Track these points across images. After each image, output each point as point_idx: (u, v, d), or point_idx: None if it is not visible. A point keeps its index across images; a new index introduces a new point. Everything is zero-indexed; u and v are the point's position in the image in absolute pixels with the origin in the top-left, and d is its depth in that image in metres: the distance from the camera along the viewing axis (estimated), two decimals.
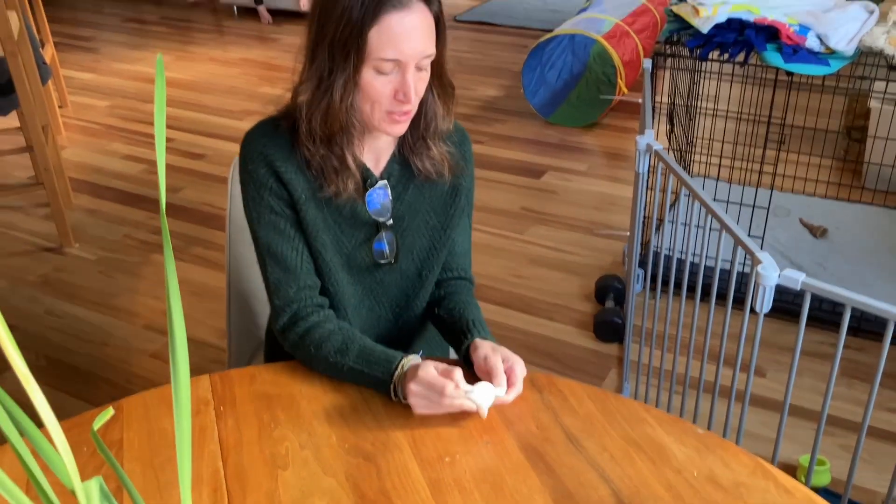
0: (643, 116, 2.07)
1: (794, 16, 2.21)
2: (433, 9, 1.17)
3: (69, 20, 6.09)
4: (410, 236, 1.34)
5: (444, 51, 1.22)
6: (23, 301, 2.74)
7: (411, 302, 1.40)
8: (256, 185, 1.24)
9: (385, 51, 1.13)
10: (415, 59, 1.15)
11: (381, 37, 1.12)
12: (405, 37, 1.13)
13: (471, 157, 1.38)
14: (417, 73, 1.17)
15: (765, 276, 1.37)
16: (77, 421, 1.14)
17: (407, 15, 1.13)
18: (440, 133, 1.29)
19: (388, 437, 1.10)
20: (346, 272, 1.32)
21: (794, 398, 2.20)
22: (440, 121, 1.28)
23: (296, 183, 1.24)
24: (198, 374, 1.14)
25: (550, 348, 2.45)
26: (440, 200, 1.34)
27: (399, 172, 1.30)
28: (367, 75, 1.16)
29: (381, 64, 1.14)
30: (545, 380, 1.20)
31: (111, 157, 3.79)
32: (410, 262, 1.36)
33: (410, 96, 1.16)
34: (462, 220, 1.40)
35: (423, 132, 1.27)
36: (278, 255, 1.26)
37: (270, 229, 1.26)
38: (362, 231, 1.30)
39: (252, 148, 1.25)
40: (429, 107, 1.26)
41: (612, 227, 3.06)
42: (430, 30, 1.16)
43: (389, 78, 1.16)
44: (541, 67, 4.14)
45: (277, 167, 1.23)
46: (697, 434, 1.09)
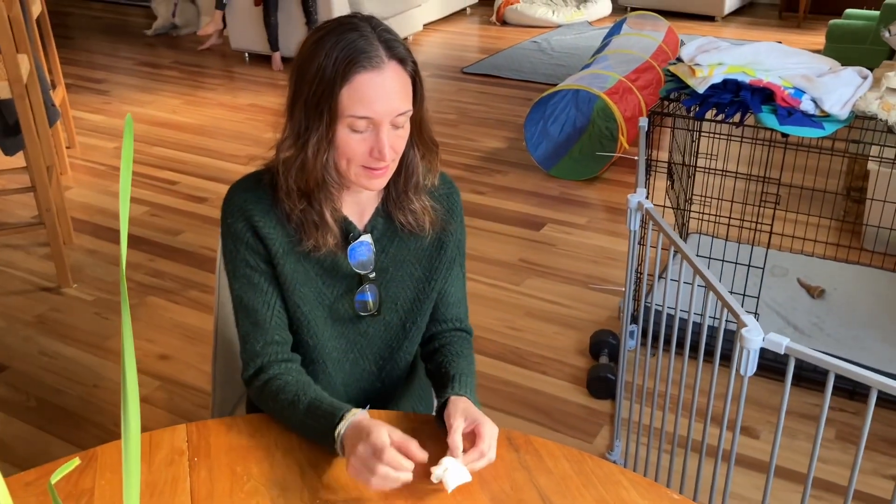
0: (638, 174, 2.08)
1: (788, 79, 2.23)
2: (408, 68, 1.19)
3: (84, 62, 6.20)
4: (394, 288, 1.34)
5: (421, 108, 1.23)
6: (17, 340, 2.75)
7: (395, 354, 1.40)
8: (234, 238, 1.26)
9: (356, 109, 1.15)
10: (388, 116, 1.16)
11: (352, 96, 1.15)
12: (376, 96, 1.15)
13: (459, 207, 1.38)
14: (394, 131, 1.19)
15: (748, 340, 1.36)
16: (49, 468, 1.14)
17: (378, 75, 1.15)
18: (422, 188, 1.30)
19: (360, 494, 1.09)
20: (328, 325, 1.33)
21: (788, 461, 2.17)
22: (421, 176, 1.29)
23: (274, 237, 1.25)
24: (185, 419, 1.14)
25: (542, 403, 2.43)
26: (425, 253, 1.35)
27: (383, 226, 1.31)
28: (342, 133, 1.17)
29: (354, 122, 1.16)
30: (522, 439, 1.19)
31: (115, 199, 3.82)
32: (394, 314, 1.36)
33: (385, 154, 1.17)
34: (452, 270, 1.40)
35: (403, 186, 1.29)
36: (249, 308, 1.28)
37: (244, 282, 1.27)
38: (344, 283, 1.31)
39: (232, 202, 1.27)
40: (410, 161, 1.27)
41: (610, 282, 3.06)
42: (404, 88, 1.18)
43: (364, 136, 1.18)
44: (544, 121, 4.18)
45: (255, 221, 1.25)
46: (673, 499, 1.08)
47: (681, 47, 2.50)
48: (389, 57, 1.16)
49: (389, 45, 1.17)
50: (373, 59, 1.15)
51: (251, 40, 6.03)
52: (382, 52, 1.16)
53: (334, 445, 1.12)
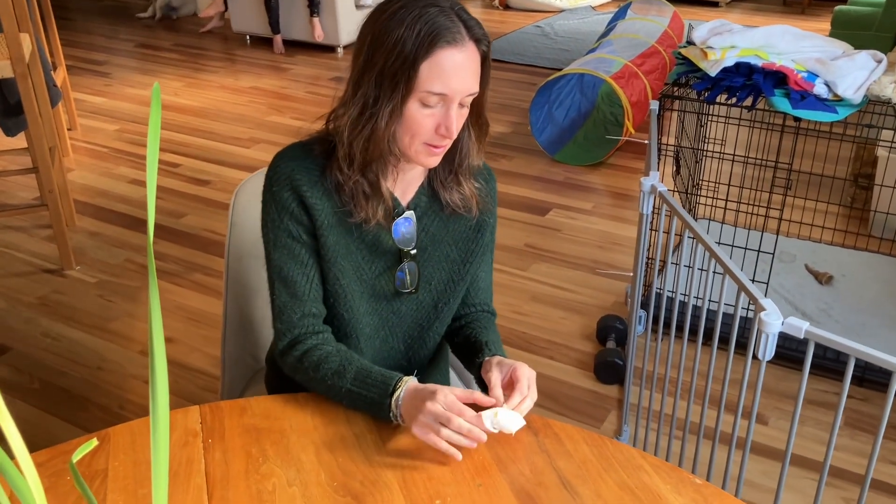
0: (649, 158, 2.06)
1: (802, 62, 2.21)
2: (482, 49, 1.19)
3: (84, 44, 6.15)
4: (430, 268, 1.35)
5: (486, 90, 1.23)
6: (20, 322, 2.73)
7: (424, 334, 1.40)
8: (278, 207, 1.25)
9: (434, 84, 1.15)
10: (461, 95, 1.17)
11: (431, 71, 1.14)
12: (454, 73, 1.15)
13: (496, 195, 1.40)
14: (459, 110, 1.19)
15: (768, 324, 1.35)
16: (62, 448, 1.12)
17: (459, 52, 1.15)
18: (471, 169, 1.31)
19: (377, 477, 1.07)
20: (364, 300, 1.32)
21: (796, 448, 2.16)
22: (473, 157, 1.29)
23: (320, 208, 1.24)
24: (191, 402, 1.12)
25: (550, 388, 2.42)
26: (463, 235, 1.35)
27: (426, 204, 1.31)
28: (413, 107, 1.17)
29: (427, 97, 1.16)
30: (541, 422, 1.18)
31: (117, 181, 3.80)
32: (427, 294, 1.36)
33: (452, 131, 1.18)
34: (485, 256, 1.41)
35: (455, 167, 1.29)
36: (288, 279, 1.26)
37: (285, 253, 1.26)
38: (385, 259, 1.31)
39: (279, 170, 1.25)
40: (463, 143, 1.28)
41: (616, 267, 3.05)
42: (477, 68, 1.19)
43: (433, 111, 1.18)
44: (548, 105, 4.15)
45: (303, 191, 1.23)
46: (695, 484, 1.06)
47: (689, 31, 2.47)
48: (469, 36, 1.17)
49: (469, 25, 1.18)
50: (456, 36, 1.15)
51: (252, 23, 5.98)
52: (464, 30, 1.16)
53: (388, 413, 1.14)
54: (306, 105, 4.77)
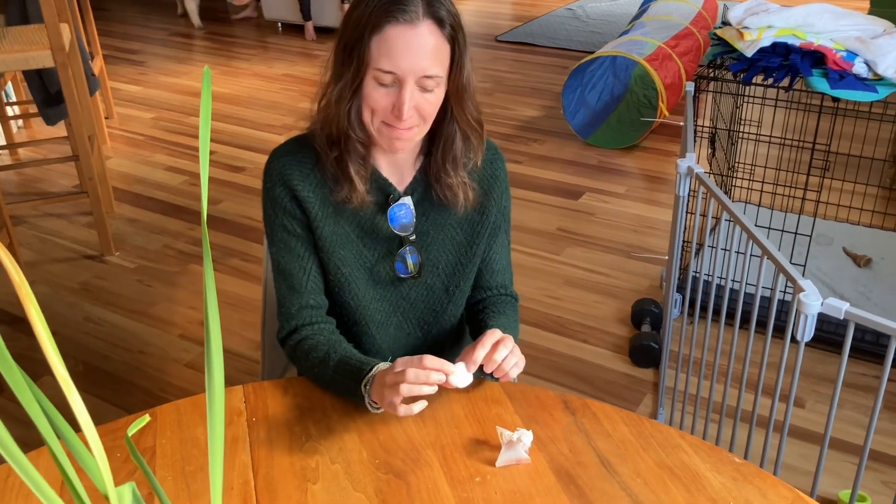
0: (685, 140, 2.05)
1: (841, 41, 2.18)
2: (445, 31, 1.15)
3: (119, 34, 6.23)
4: (435, 252, 1.34)
5: (461, 78, 1.19)
6: (63, 307, 2.79)
7: (439, 318, 1.40)
8: (272, 203, 1.27)
9: (382, 62, 1.13)
10: (413, 75, 1.14)
11: (380, 47, 1.13)
12: (403, 51, 1.12)
13: (503, 173, 1.37)
14: (422, 94, 1.16)
15: (807, 305, 1.34)
16: (112, 426, 1.15)
17: (410, 29, 1.12)
18: (460, 164, 1.27)
19: (418, 454, 1.09)
20: (369, 287, 1.33)
21: (835, 431, 2.15)
22: (459, 151, 1.26)
23: (312, 200, 1.25)
24: (230, 384, 1.14)
25: (584, 371, 2.42)
26: (467, 218, 1.34)
27: (423, 190, 1.30)
28: (368, 84, 1.16)
29: (379, 74, 1.14)
30: (578, 402, 1.19)
31: (154, 168, 3.86)
32: (436, 278, 1.36)
33: (402, 112, 1.15)
34: (497, 237, 1.38)
35: (441, 160, 1.26)
36: (286, 272, 1.29)
37: (281, 247, 1.29)
38: (384, 245, 1.31)
39: (272, 167, 1.27)
40: (448, 135, 1.25)
41: (650, 251, 3.03)
42: (436, 50, 1.15)
43: (388, 91, 1.16)
44: (581, 88, 4.13)
45: (294, 185, 1.25)
46: (734, 463, 1.07)
47: (725, 11, 2.45)
48: (426, 14, 1.13)
49: (430, 4, 1.14)
50: (408, 14, 1.12)
51: (284, 10, 6.01)
52: (420, 7, 1.13)
53: (364, 400, 1.13)
54: None
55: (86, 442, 0.59)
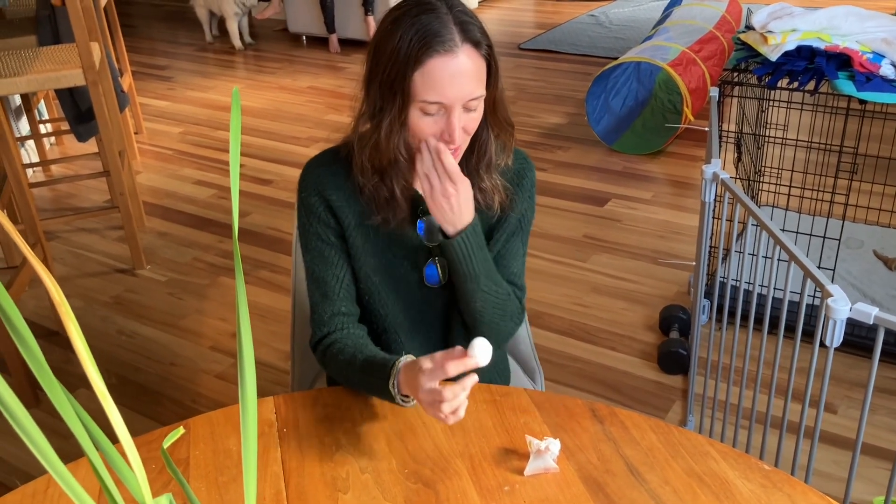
0: (710, 145, 2.05)
1: (867, 43, 2.16)
2: (482, 51, 1.17)
3: (147, 50, 6.32)
4: None
5: (496, 89, 1.22)
6: (96, 320, 2.84)
7: (460, 324, 1.41)
8: (307, 212, 1.30)
9: (428, 94, 1.15)
10: (459, 101, 1.16)
11: (424, 80, 1.14)
12: (448, 81, 1.14)
13: (530, 183, 1.37)
14: (466, 114, 1.19)
15: (835, 310, 1.33)
16: (147, 438, 1.17)
17: (452, 59, 1.14)
18: (493, 166, 1.30)
19: (447, 464, 1.10)
20: (399, 295, 1.35)
21: (867, 436, 2.12)
22: (493, 155, 1.28)
23: (346, 210, 1.28)
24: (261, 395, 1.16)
25: (612, 379, 2.42)
26: (487, 224, 1.35)
27: None
28: (414, 115, 1.18)
29: (425, 106, 1.16)
30: (606, 411, 1.19)
31: (182, 182, 3.91)
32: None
33: (455, 138, 1.17)
34: (511, 242, 1.38)
35: (476, 164, 1.28)
36: (319, 280, 1.31)
37: (315, 255, 1.31)
38: (412, 255, 1.33)
39: (307, 177, 1.30)
40: (483, 141, 1.27)
41: (677, 257, 3.02)
42: (477, 72, 1.17)
43: (435, 119, 1.18)
44: (605, 94, 4.13)
45: (329, 195, 1.28)
46: (764, 470, 1.06)
47: (748, 15, 2.44)
48: (463, 40, 1.14)
49: (464, 28, 1.15)
50: (446, 44, 1.13)
51: (308, 23, 6.07)
52: (457, 35, 1.14)
53: (394, 399, 1.14)
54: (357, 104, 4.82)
55: (123, 454, 0.61)
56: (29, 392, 2.38)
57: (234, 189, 0.62)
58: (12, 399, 0.54)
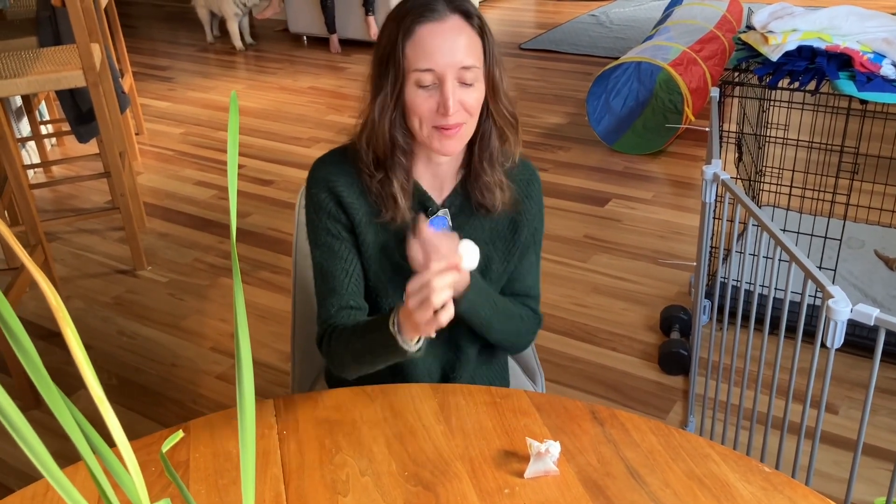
0: (710, 145, 2.04)
1: (867, 43, 2.16)
2: (473, 23, 1.19)
3: (147, 50, 6.32)
4: None
5: (493, 69, 1.22)
6: (97, 321, 2.84)
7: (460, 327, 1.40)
8: (316, 207, 1.30)
9: (419, 62, 1.16)
10: (451, 68, 1.17)
11: (415, 50, 1.16)
12: (438, 47, 1.16)
13: (537, 194, 1.38)
14: (463, 88, 1.19)
15: (836, 311, 1.33)
16: (146, 441, 1.17)
17: (440, 25, 1.16)
18: (497, 161, 1.29)
19: (447, 466, 1.10)
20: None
21: (868, 437, 2.12)
22: (495, 148, 1.28)
23: (357, 206, 1.28)
24: (261, 396, 1.16)
25: (613, 379, 2.41)
26: (500, 234, 1.36)
27: (461, 202, 1.32)
28: (410, 90, 1.19)
29: (419, 76, 1.17)
30: (606, 413, 1.19)
31: (183, 183, 3.91)
32: None
33: (449, 106, 1.17)
34: (526, 256, 1.40)
35: (478, 158, 1.28)
36: (328, 274, 1.31)
37: (325, 250, 1.31)
38: None
39: (317, 174, 1.30)
40: (484, 131, 1.27)
41: (678, 257, 3.02)
42: (469, 42, 1.18)
43: (430, 92, 1.18)
44: (606, 95, 4.12)
45: (339, 191, 1.28)
46: (764, 473, 1.06)
47: (749, 15, 2.44)
48: (452, 10, 1.18)
49: (454, 1, 1.19)
50: (435, 12, 1.17)
51: (309, 23, 6.07)
52: (445, 5, 1.18)
53: (397, 341, 1.15)
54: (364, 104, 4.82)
55: (121, 458, 0.60)
56: (29, 393, 2.39)
57: (231, 193, 0.61)
58: (8, 404, 0.54)
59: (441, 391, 1.25)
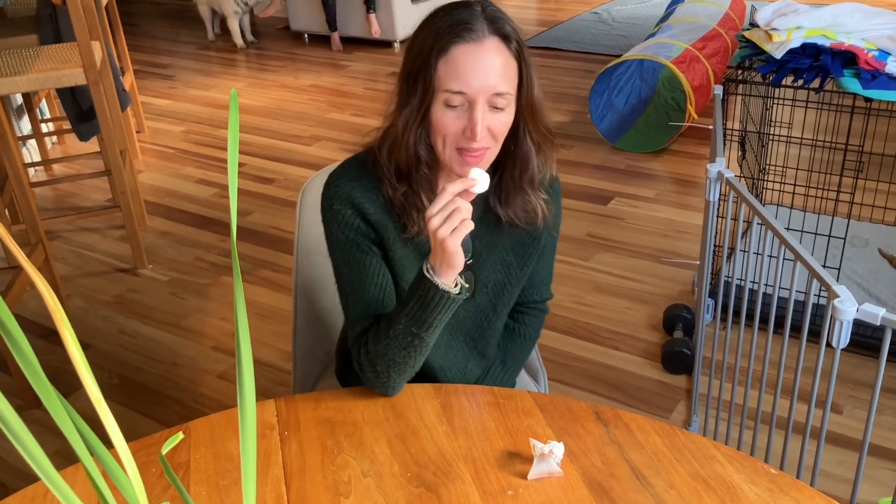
0: (714, 143, 2.03)
1: (872, 41, 2.15)
2: (512, 46, 1.14)
3: (148, 48, 6.31)
4: (486, 272, 1.34)
5: (531, 93, 1.18)
6: (97, 320, 2.83)
7: (485, 333, 1.41)
8: (342, 225, 1.23)
9: (451, 83, 1.12)
10: (483, 94, 1.12)
11: (448, 68, 1.12)
12: (472, 70, 1.11)
13: (558, 197, 1.37)
14: (492, 113, 1.14)
15: (841, 311, 1.32)
16: (147, 441, 1.16)
17: (477, 48, 1.11)
18: (536, 181, 1.25)
19: (450, 468, 1.09)
20: None
21: (874, 437, 2.11)
22: (536, 169, 1.23)
23: (383, 224, 1.23)
24: (262, 396, 1.15)
25: (616, 379, 2.40)
26: (520, 241, 1.34)
27: (481, 212, 1.28)
28: (437, 109, 1.15)
29: (449, 97, 1.13)
30: (611, 413, 1.18)
31: (184, 181, 3.90)
32: (485, 296, 1.36)
33: (476, 133, 1.12)
34: (543, 257, 1.40)
35: (519, 180, 1.24)
36: (359, 291, 1.25)
37: (355, 267, 1.24)
38: None
39: (339, 190, 1.24)
40: (524, 153, 1.22)
41: (681, 255, 3.01)
42: (504, 67, 1.13)
43: (458, 113, 1.14)
44: (608, 92, 4.11)
45: (365, 209, 1.22)
46: (770, 474, 1.05)
47: (752, 12, 2.42)
48: (491, 32, 1.12)
49: (493, 21, 1.13)
50: (473, 32, 1.11)
51: (310, 21, 6.06)
52: (485, 25, 1.12)
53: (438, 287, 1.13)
54: (365, 101, 4.81)
55: (119, 461, 0.59)
56: (30, 392, 2.38)
57: (231, 191, 0.60)
58: (5, 407, 0.53)
59: (443, 391, 1.24)
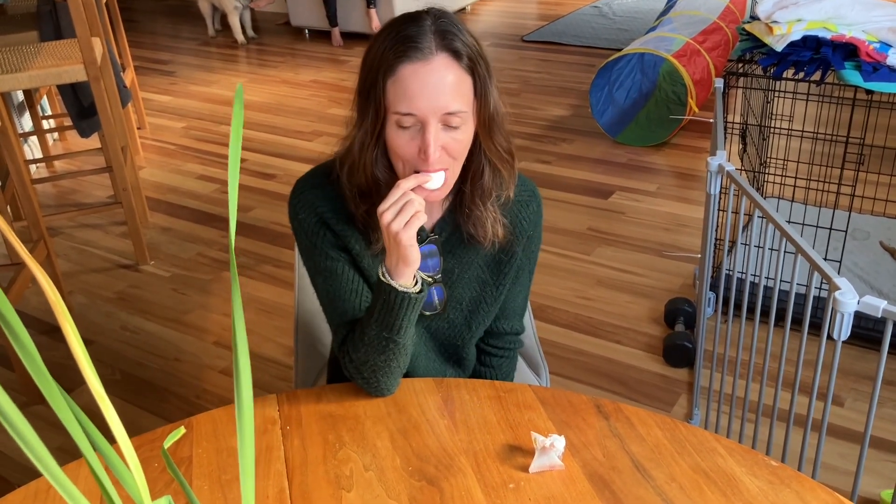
0: (715, 137, 2.03)
1: (873, 33, 2.14)
2: (463, 63, 1.09)
3: (149, 45, 6.31)
4: (460, 289, 1.31)
5: (487, 108, 1.13)
6: (100, 316, 2.83)
7: (461, 351, 1.39)
8: (309, 234, 1.22)
9: (400, 104, 1.07)
10: (434, 114, 1.07)
11: (396, 89, 1.07)
12: (420, 90, 1.06)
13: (538, 218, 1.32)
14: (448, 132, 1.10)
15: (843, 303, 1.32)
16: (149, 437, 1.17)
17: (423, 66, 1.06)
18: (490, 198, 1.21)
19: (451, 461, 1.09)
20: None
21: (875, 429, 2.11)
22: (488, 184, 1.20)
23: (349, 234, 1.22)
24: (264, 391, 1.16)
25: (617, 372, 2.41)
26: (493, 258, 1.30)
27: (451, 229, 1.27)
28: (391, 130, 1.11)
29: (399, 118, 1.08)
30: (612, 406, 1.18)
31: (186, 177, 3.90)
32: (459, 313, 1.33)
33: (429, 154, 1.08)
34: (520, 277, 1.36)
35: (470, 195, 1.20)
36: (336, 298, 1.24)
37: (328, 275, 1.23)
38: None
39: (304, 198, 1.22)
40: (476, 168, 1.18)
41: (683, 249, 3.01)
42: (455, 84, 1.08)
43: (412, 134, 1.10)
44: (609, 86, 4.10)
45: (328, 220, 1.21)
46: (771, 466, 1.05)
47: (753, 5, 2.42)
48: (440, 48, 1.07)
49: (444, 36, 1.07)
50: (419, 50, 1.06)
51: (311, 16, 6.05)
52: (433, 42, 1.07)
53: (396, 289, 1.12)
54: None
55: (121, 454, 0.60)
56: (33, 388, 2.38)
57: (232, 188, 0.61)
58: (8, 403, 0.53)
59: (444, 385, 1.24)
